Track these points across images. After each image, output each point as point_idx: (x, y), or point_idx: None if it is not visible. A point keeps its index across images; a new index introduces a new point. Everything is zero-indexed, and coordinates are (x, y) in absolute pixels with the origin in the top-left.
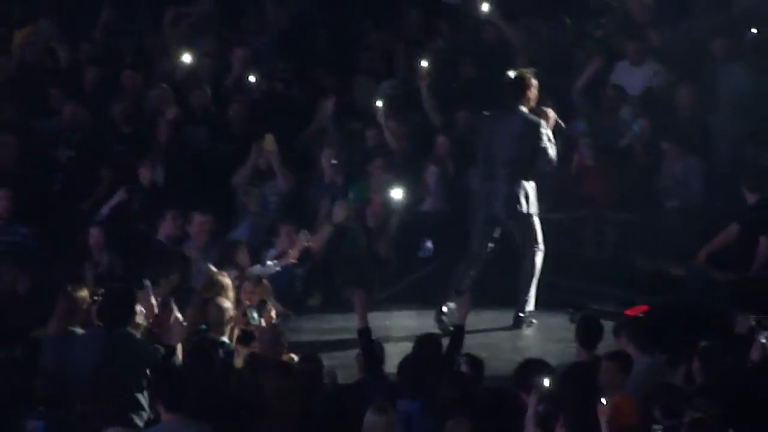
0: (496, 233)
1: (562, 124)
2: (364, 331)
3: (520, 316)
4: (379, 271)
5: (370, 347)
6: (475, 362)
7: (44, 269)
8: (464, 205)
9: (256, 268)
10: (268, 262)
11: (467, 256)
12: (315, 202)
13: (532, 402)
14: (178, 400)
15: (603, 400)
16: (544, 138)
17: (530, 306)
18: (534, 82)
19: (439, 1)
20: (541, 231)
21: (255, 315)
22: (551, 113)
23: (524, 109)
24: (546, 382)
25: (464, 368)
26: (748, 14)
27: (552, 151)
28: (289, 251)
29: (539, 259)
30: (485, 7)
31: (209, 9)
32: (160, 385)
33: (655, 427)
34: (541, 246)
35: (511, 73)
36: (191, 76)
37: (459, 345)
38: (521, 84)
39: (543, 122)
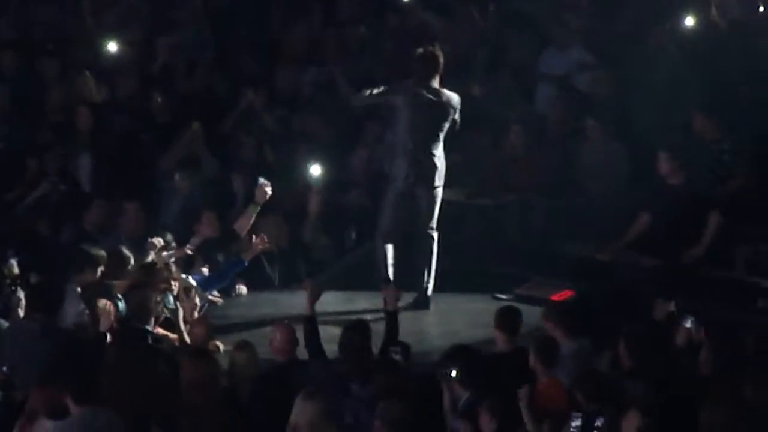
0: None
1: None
2: (309, 319)
3: (429, 296)
4: (304, 257)
5: (314, 333)
6: (404, 349)
7: None
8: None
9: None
10: (164, 253)
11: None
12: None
13: (447, 390)
14: (85, 393)
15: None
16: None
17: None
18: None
19: None
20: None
21: (171, 299)
22: None
23: (435, 83)
24: (453, 373)
25: (397, 357)
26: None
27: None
28: (188, 246)
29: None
30: None
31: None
32: (67, 376)
33: (575, 414)
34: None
35: (422, 49)
36: (116, 65)
37: (394, 333)
38: (435, 58)
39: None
